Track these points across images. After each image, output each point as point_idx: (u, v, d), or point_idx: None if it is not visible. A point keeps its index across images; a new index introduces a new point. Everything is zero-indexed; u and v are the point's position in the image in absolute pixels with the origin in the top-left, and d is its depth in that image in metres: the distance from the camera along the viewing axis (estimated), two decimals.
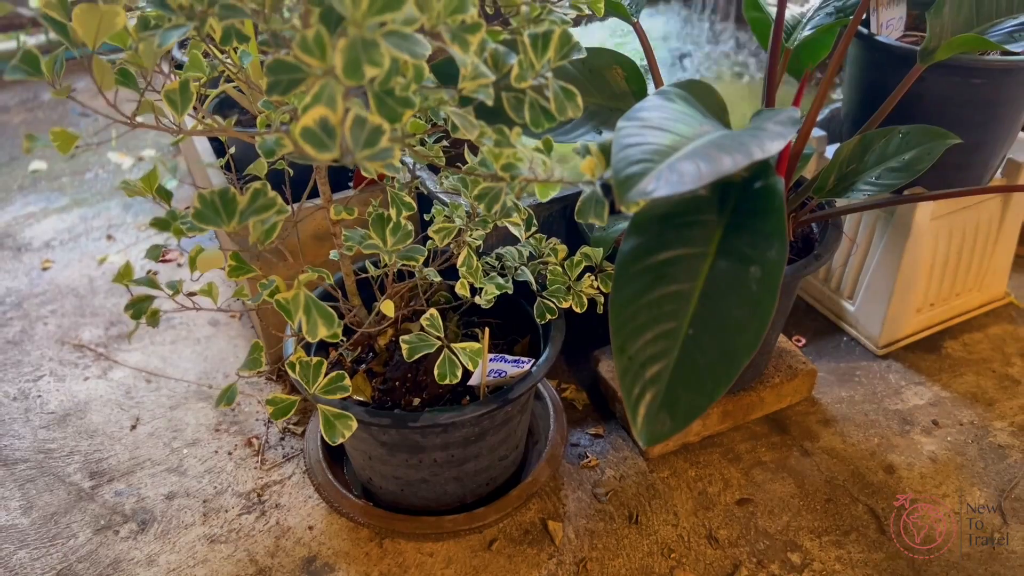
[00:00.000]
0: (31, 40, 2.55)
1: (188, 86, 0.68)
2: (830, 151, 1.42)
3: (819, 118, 1.45)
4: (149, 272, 1.59)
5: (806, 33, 1.12)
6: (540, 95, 0.78)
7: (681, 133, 0.80)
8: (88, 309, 1.51)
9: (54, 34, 0.66)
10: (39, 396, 1.33)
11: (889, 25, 1.20)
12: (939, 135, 0.98)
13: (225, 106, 1.45)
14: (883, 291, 1.33)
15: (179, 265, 1.62)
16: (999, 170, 1.33)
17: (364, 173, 0.78)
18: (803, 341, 1.39)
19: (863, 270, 1.37)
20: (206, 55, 0.82)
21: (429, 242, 0.94)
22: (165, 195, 0.93)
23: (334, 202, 0.91)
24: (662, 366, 0.69)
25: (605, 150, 0.80)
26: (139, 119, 0.72)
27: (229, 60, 0.84)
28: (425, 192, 1.18)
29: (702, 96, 0.90)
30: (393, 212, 0.84)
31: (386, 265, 0.89)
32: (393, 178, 0.99)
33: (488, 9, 0.91)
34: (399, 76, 0.61)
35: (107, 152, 2.04)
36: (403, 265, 0.89)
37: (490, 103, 0.74)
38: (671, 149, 0.77)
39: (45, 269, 1.63)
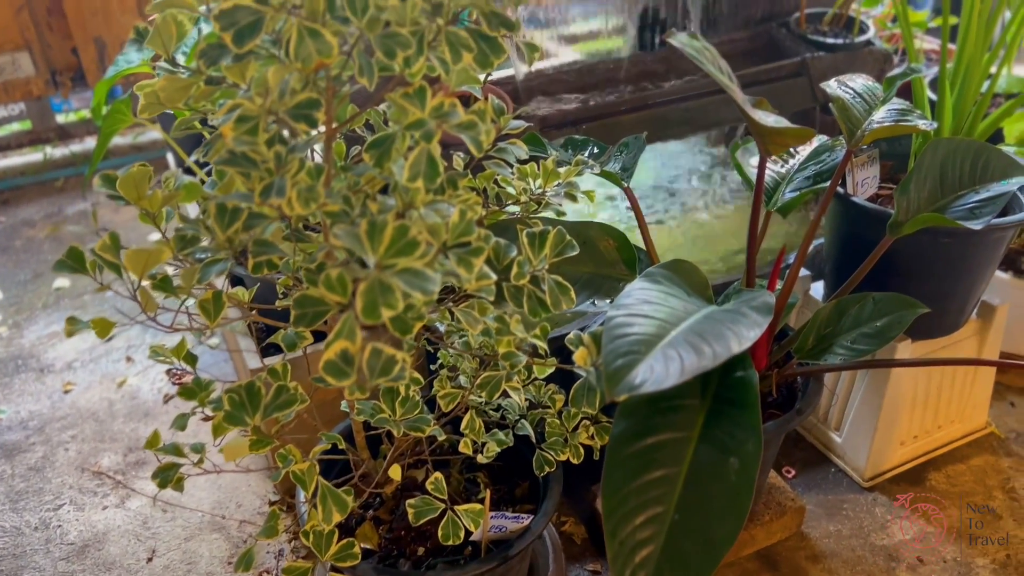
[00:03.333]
0: (56, 152, 2.68)
1: (220, 297, 0.76)
2: (815, 289, 1.50)
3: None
4: (166, 396, 1.66)
5: (787, 196, 1.21)
6: (537, 287, 0.86)
7: (666, 318, 0.88)
8: (107, 434, 1.58)
9: (78, 147, 0.74)
10: (59, 526, 1.38)
11: (864, 184, 1.29)
12: (909, 304, 1.05)
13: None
14: (867, 425, 1.40)
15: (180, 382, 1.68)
16: (974, 312, 1.40)
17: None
18: (793, 473, 1.45)
19: (848, 403, 1.44)
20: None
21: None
22: (191, 361, 1.01)
23: None
24: (650, 551, 0.76)
25: (597, 339, 0.88)
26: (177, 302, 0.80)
27: None
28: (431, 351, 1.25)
29: (686, 274, 0.98)
30: (402, 387, 0.91)
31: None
32: None
33: (490, 197, 1.00)
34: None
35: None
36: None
37: (491, 299, 0.82)
38: (656, 338, 0.84)
39: (67, 392, 1.70)
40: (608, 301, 1.05)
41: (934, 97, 1.39)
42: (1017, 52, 1.37)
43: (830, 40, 1.84)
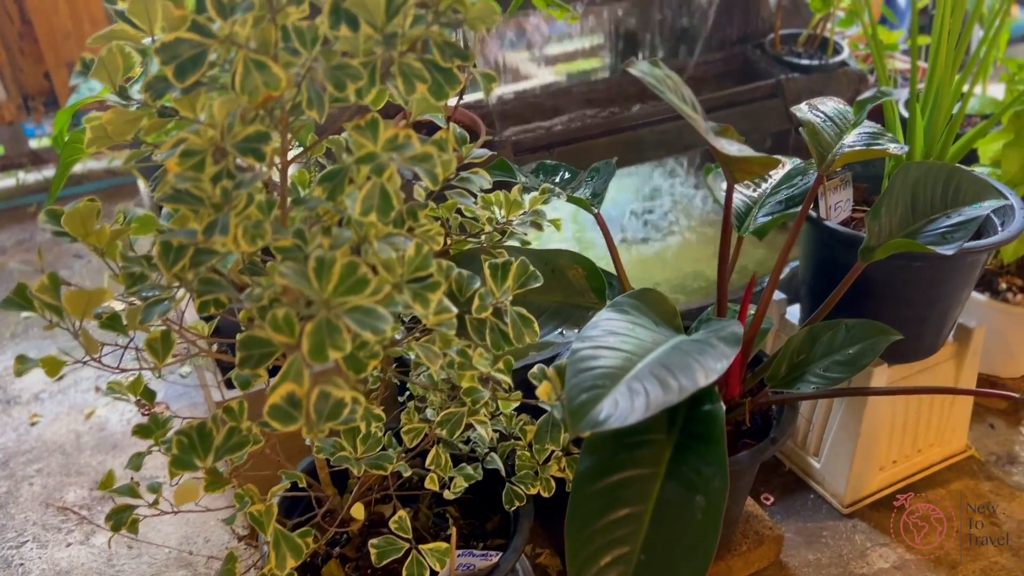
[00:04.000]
0: (30, 177, 2.64)
1: (169, 336, 0.74)
2: (791, 313, 1.48)
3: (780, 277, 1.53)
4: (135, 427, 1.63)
5: (759, 221, 1.20)
6: (500, 320, 0.84)
7: (633, 349, 0.86)
8: (74, 468, 1.54)
9: (51, 173, 0.72)
10: (21, 564, 1.35)
11: (837, 207, 1.28)
12: (882, 331, 1.04)
13: None
14: (845, 451, 1.38)
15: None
16: (951, 335, 1.39)
17: None
18: (771, 500, 1.43)
19: (826, 428, 1.42)
20: None
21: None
22: (149, 397, 0.98)
23: None
24: None
25: (561, 373, 0.85)
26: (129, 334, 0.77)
27: None
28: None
29: (654, 303, 0.96)
30: (363, 425, 0.89)
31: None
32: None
33: (452, 226, 0.98)
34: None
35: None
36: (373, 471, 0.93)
37: (452, 332, 0.80)
38: (622, 371, 0.82)
39: (33, 424, 1.66)
40: (577, 331, 1.03)
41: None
42: (991, 71, 1.37)
43: (805, 61, 1.84)
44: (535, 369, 0.85)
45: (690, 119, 0.77)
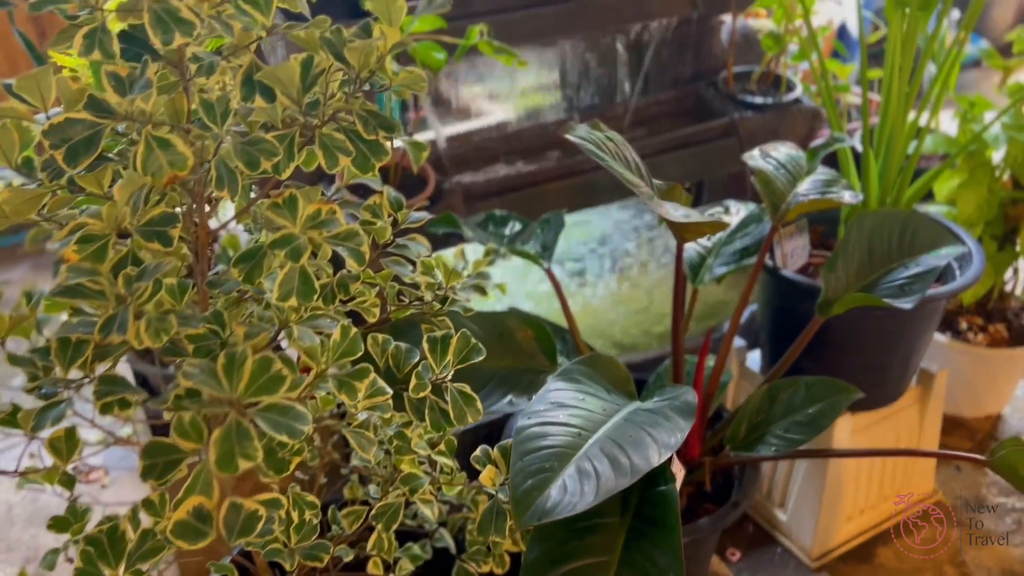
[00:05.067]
0: None
1: (74, 434, 0.67)
2: (752, 360, 1.45)
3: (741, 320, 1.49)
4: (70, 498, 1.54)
5: (714, 272, 1.16)
6: (440, 398, 0.79)
7: (582, 424, 0.81)
8: (4, 543, 1.45)
9: None
10: None
11: (794, 254, 1.25)
12: (842, 389, 1.00)
13: None
14: (811, 502, 1.34)
15: (103, 487, 1.57)
16: (913, 379, 1.36)
17: None
18: (737, 555, 1.38)
19: (791, 479, 1.38)
20: None
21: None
22: (67, 484, 0.91)
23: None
24: None
25: (506, 453, 0.80)
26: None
27: None
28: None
29: (605, 369, 0.91)
30: (295, 513, 0.83)
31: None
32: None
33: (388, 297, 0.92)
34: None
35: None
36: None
37: (388, 414, 0.75)
38: (571, 449, 0.78)
39: None
40: (527, 398, 0.98)
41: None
42: (943, 104, 1.34)
43: (759, 99, 1.82)
44: (478, 452, 0.80)
45: (633, 186, 0.73)
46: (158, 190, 0.63)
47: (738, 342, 1.45)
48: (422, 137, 1.93)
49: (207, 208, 0.70)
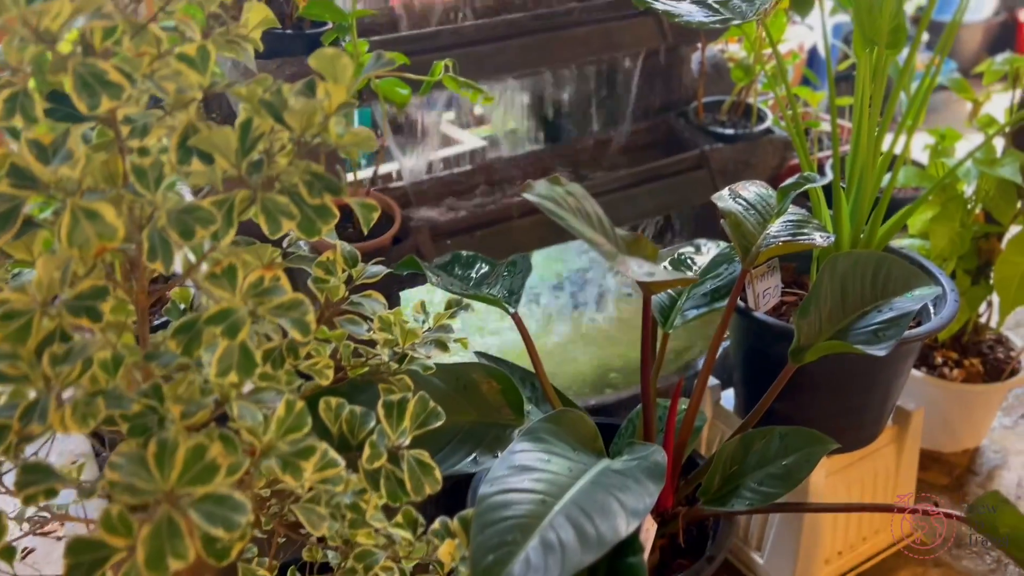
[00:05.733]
0: None
1: (1, 518, 0.63)
2: (726, 398, 1.42)
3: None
4: (24, 550, 1.49)
5: (685, 316, 1.14)
6: (396, 466, 0.75)
7: (547, 489, 0.78)
8: None
9: None
10: None
11: (766, 295, 1.22)
12: (817, 440, 0.97)
13: None
14: (789, 545, 1.31)
15: (59, 538, 1.51)
16: (890, 419, 1.34)
17: None
18: None
19: (768, 521, 1.35)
20: None
21: None
22: (7, 557, 0.86)
23: None
24: None
25: (466, 524, 0.77)
26: None
27: None
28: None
29: (571, 426, 0.88)
30: None
31: None
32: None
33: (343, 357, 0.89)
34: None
35: None
36: None
37: (340, 488, 0.71)
38: (536, 519, 0.74)
39: None
40: (492, 456, 0.94)
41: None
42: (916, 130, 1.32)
43: (729, 130, 1.81)
44: (436, 524, 0.76)
45: (594, 245, 0.70)
46: (86, 263, 0.59)
47: (711, 380, 1.42)
48: (387, 168, 1.90)
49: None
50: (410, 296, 1.91)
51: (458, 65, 1.43)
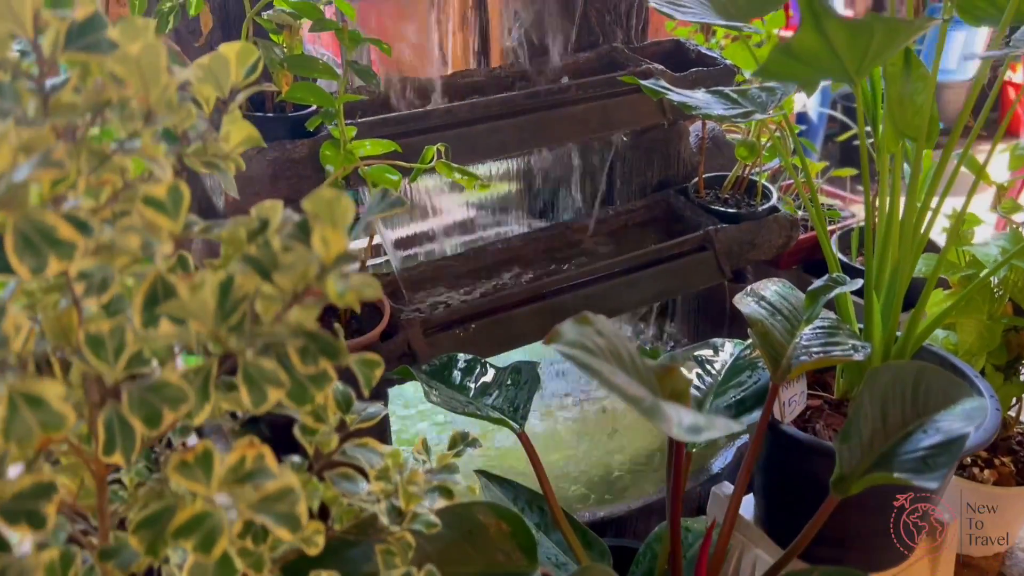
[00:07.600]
0: None
1: None
2: (746, 504, 1.32)
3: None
4: None
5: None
6: None
7: None
8: None
9: None
10: None
11: (792, 402, 1.13)
12: None
13: None
14: None
15: None
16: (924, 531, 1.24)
17: None
18: None
19: None
20: None
21: None
22: None
23: None
24: None
25: None
26: None
27: None
28: None
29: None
30: None
31: None
32: None
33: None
34: None
35: None
36: None
37: None
38: None
39: None
40: None
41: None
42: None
43: (732, 209, 1.73)
44: None
45: (629, 400, 0.60)
46: (26, 457, 0.48)
47: (726, 487, 1.32)
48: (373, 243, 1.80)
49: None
50: (398, 394, 1.80)
51: (450, 148, 1.35)
